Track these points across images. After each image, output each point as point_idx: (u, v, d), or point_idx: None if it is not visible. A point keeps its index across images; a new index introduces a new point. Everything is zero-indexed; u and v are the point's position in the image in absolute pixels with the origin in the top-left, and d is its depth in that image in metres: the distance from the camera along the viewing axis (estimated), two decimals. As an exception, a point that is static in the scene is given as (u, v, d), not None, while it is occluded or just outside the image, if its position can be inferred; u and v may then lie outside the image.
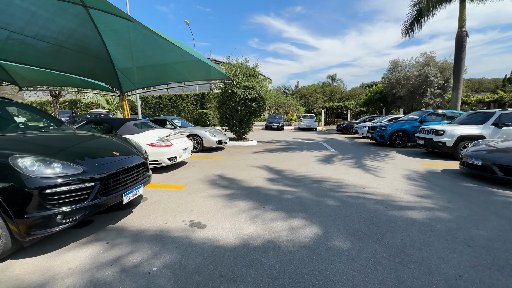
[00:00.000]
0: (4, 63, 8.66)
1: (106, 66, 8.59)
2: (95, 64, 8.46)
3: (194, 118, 22.96)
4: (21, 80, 10.19)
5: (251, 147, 10.25)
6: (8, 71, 9.53)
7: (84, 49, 7.43)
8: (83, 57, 7.98)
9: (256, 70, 10.62)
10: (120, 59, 8.25)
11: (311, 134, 16.76)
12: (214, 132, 9.07)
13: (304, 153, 8.64)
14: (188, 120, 23.28)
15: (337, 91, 53.14)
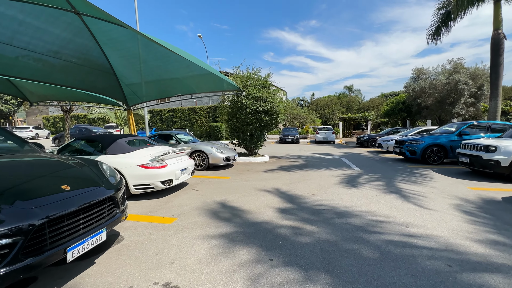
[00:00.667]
0: (13, 79, 8.55)
1: (110, 79, 8.18)
2: (98, 78, 8.08)
3: (206, 132, 22.54)
4: (31, 95, 10.11)
5: (262, 163, 9.31)
6: (18, 87, 9.43)
7: (86, 62, 7.02)
8: (86, 71, 7.61)
9: (268, 81, 9.85)
10: (123, 71, 7.80)
11: (329, 148, 15.54)
12: (221, 148, 8.26)
13: (323, 172, 7.55)
14: (200, 133, 22.90)
15: (355, 102, 51.39)
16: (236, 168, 8.30)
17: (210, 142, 9.12)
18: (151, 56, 6.98)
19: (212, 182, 6.30)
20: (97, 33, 5.97)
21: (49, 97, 10.16)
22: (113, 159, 4.70)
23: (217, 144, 8.67)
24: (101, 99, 9.91)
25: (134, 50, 6.70)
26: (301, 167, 8.42)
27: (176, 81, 8.21)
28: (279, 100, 9.73)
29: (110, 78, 8.12)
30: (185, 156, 5.69)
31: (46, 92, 9.72)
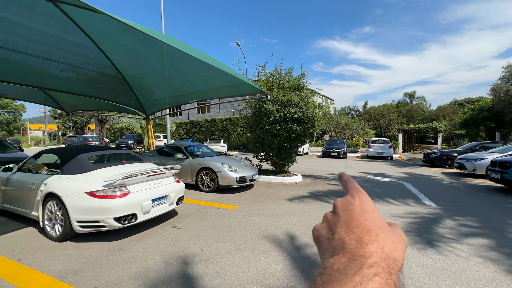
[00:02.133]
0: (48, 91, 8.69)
1: (120, 84, 7.45)
2: (109, 83, 7.43)
3: (243, 143, 21.38)
4: (64, 105, 10.33)
5: (291, 186, 7.26)
6: (53, 98, 9.65)
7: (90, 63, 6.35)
8: (96, 77, 7.03)
9: (302, 81, 7.89)
10: (129, 73, 6.94)
11: (386, 166, 12.37)
12: (236, 164, 6.58)
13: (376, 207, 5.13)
14: (237, 144, 21.85)
15: (418, 110, 44.25)
16: (254, 191, 6.47)
17: (228, 157, 7.55)
18: (153, 54, 5.88)
19: (210, 214, 4.62)
20: (87, 28, 5.09)
21: (78, 107, 10.24)
22: (62, 182, 3.46)
23: (231, 161, 7.04)
24: (120, 108, 9.48)
25: (132, 47, 5.68)
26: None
27: (188, 84, 6.99)
28: (314, 104, 7.64)
29: (120, 82, 7.39)
30: (168, 178, 4.16)
31: (73, 102, 9.74)
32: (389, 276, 0.27)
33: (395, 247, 0.31)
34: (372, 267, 0.27)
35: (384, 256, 0.29)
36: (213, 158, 6.87)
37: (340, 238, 0.32)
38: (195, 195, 5.95)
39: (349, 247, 0.30)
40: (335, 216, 0.38)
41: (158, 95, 7.88)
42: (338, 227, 0.35)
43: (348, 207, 0.38)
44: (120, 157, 4.64)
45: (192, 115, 29.56)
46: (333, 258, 0.30)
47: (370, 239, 0.30)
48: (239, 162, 7.02)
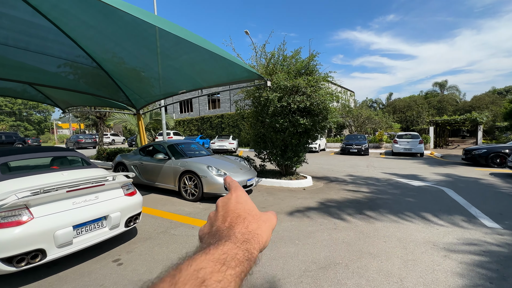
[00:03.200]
0: (40, 87, 8.03)
1: (98, 74, 6.50)
2: (86, 73, 6.51)
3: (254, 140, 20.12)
4: (57, 101, 9.72)
5: (298, 192, 5.91)
6: (46, 95, 9.02)
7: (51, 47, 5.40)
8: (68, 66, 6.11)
9: (312, 64, 6.43)
10: (104, 59, 5.94)
11: (416, 165, 10.50)
12: (228, 167, 5.35)
13: (410, 229, 3.65)
14: (247, 140, 20.62)
15: (450, 101, 40.19)
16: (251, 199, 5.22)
17: (222, 157, 6.34)
18: (121, 32, 4.77)
19: (177, 236, 3.43)
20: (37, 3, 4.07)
21: (70, 103, 9.58)
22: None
23: (226, 161, 5.81)
24: (110, 103, 8.61)
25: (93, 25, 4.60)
26: (363, 207, 4.63)
27: (171, 71, 5.83)
28: (327, 91, 6.16)
29: (98, 72, 6.42)
30: (112, 192, 3.01)
31: (63, 97, 9.05)
32: (242, 243, 0.34)
33: (259, 226, 0.40)
34: (230, 237, 0.35)
35: (246, 231, 0.37)
36: (200, 159, 5.68)
37: (217, 229, 0.39)
38: (174, 206, 4.82)
39: (223, 233, 0.37)
40: (216, 213, 0.44)
41: (142, 85, 6.83)
42: (216, 220, 0.42)
43: (226, 202, 0.45)
44: (61, 161, 3.58)
45: (203, 111, 28.78)
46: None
47: (238, 221, 0.39)
48: (234, 163, 5.77)
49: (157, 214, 4.35)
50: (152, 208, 4.66)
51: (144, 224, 3.87)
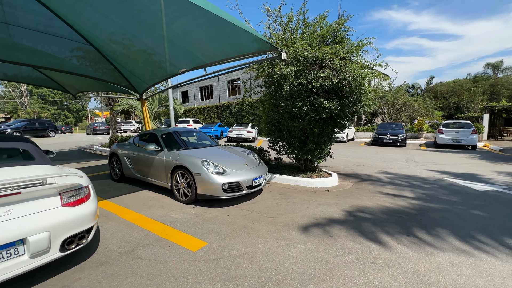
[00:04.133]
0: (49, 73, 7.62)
1: (91, 53, 5.72)
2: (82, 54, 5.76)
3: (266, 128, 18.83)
4: (67, 87, 9.35)
5: (320, 193, 4.69)
6: (56, 81, 8.65)
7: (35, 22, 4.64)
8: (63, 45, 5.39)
9: (343, 31, 4.96)
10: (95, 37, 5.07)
11: (471, 161, 8.55)
12: (231, 162, 4.29)
13: (494, 267, 2.30)
14: (268, 129, 19.41)
15: (505, 85, 34.56)
16: (255, 204, 4.13)
17: (228, 149, 5.30)
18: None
19: (144, 261, 2.47)
20: None
21: (78, 88, 9.14)
22: None
23: (232, 153, 4.76)
24: (114, 88, 7.94)
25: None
26: (411, 223, 3.30)
27: (162, 43, 4.82)
28: (362, 65, 4.71)
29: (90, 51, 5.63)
30: (33, 202, 2.09)
31: (70, 82, 8.59)
32: None
33: None
34: None
35: None
36: (198, 151, 4.68)
37: None
38: (161, 209, 3.91)
39: None
40: None
41: (138, 65, 5.95)
42: None
43: None
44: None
45: (223, 98, 27.93)
46: None
47: None
48: (241, 157, 4.69)
49: (136, 220, 3.46)
50: (134, 212, 3.80)
51: (112, 236, 3.00)
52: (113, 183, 5.47)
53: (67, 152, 11.34)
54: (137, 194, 4.73)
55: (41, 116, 46.84)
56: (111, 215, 3.67)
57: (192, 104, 31.62)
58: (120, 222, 3.42)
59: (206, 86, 30.25)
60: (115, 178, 5.64)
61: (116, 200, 4.37)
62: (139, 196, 4.60)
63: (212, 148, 5.14)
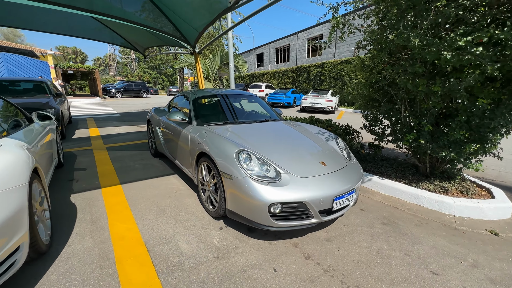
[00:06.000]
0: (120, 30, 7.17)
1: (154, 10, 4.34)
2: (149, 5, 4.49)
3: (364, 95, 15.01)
4: (132, 42, 8.92)
5: (478, 243, 2.21)
6: (123, 37, 8.27)
7: None
8: None
9: None
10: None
11: None
12: (297, 155, 2.27)
13: None
14: (353, 97, 15.72)
15: None
16: (332, 247, 2.09)
17: (298, 126, 3.24)
18: None
19: None
20: None
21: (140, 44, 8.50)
22: None
23: (293, 139, 2.70)
24: (165, 39, 6.69)
25: None
26: None
27: None
28: None
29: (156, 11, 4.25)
30: None
31: (132, 37, 7.95)
32: None
33: None
34: None
35: None
36: (242, 128, 2.82)
37: None
38: (172, 222, 2.39)
39: None
40: None
41: (184, 9, 4.27)
42: None
43: None
44: None
45: (300, 60, 24.62)
46: None
47: None
48: (315, 145, 2.61)
49: (123, 240, 2.04)
50: (133, 219, 2.41)
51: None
52: (147, 158, 4.39)
53: (143, 112, 11.67)
54: (161, 181, 3.41)
55: (143, 80, 54.95)
56: (100, 220, 2.40)
57: (267, 68, 29.66)
58: (99, 241, 2.07)
59: (283, 47, 27.34)
60: (151, 151, 4.57)
61: (130, 188, 3.15)
62: (161, 185, 3.26)
63: (268, 125, 3.16)
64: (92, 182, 3.32)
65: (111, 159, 4.31)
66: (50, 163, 2.98)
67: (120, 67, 68.61)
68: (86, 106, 14.72)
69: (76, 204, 2.71)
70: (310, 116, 5.21)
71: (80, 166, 3.93)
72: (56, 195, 2.91)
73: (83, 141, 5.66)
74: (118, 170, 3.77)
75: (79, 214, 2.50)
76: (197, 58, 6.24)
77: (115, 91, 23.21)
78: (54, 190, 3.02)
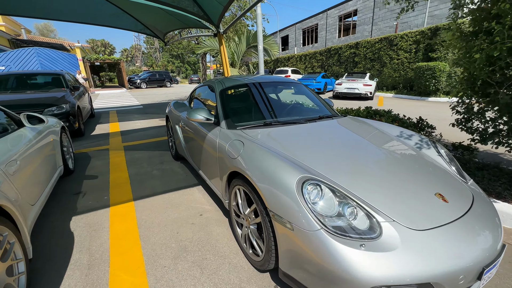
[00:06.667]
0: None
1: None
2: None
3: (405, 79, 13.16)
4: (152, 28, 8.26)
5: None
6: (141, 22, 7.64)
7: None
8: None
9: None
10: None
11: None
12: (403, 185, 1.36)
13: None
14: (394, 81, 13.88)
15: None
16: None
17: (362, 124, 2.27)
18: None
19: None
20: None
21: (160, 29, 7.82)
22: None
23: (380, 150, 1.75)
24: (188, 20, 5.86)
25: None
26: None
27: None
28: None
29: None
30: None
31: (149, 21, 7.26)
32: None
33: None
34: None
35: None
36: (292, 132, 1.93)
37: None
38: (194, 272, 1.64)
39: None
40: None
41: None
42: None
43: None
44: None
45: (330, 41, 22.56)
46: None
47: None
48: (410, 154, 1.66)
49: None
50: (143, 267, 1.71)
51: None
52: (167, 162, 3.72)
53: (166, 103, 11.22)
54: (182, 195, 2.70)
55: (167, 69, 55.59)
56: (99, 265, 1.73)
57: (292, 51, 27.87)
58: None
59: (310, 28, 25.27)
60: (171, 152, 3.89)
61: (144, 207, 2.48)
62: (182, 202, 2.55)
63: (328, 126, 2.22)
64: (101, 196, 2.71)
65: (127, 162, 3.71)
66: (48, 177, 2.38)
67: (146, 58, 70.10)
68: (112, 98, 14.72)
69: (75, 234, 2.08)
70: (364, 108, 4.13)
71: (92, 173, 3.37)
72: (54, 217, 2.33)
73: (101, 139, 5.19)
74: (133, 179, 3.13)
75: (75, 253, 1.86)
76: (222, 39, 5.37)
77: (140, 82, 23.33)
78: (53, 211, 2.44)
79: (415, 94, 11.95)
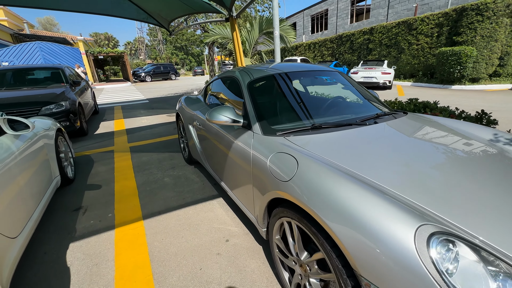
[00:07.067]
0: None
1: None
2: None
3: (426, 66, 12.26)
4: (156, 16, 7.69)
5: None
6: (148, 12, 7.08)
7: None
8: None
9: None
10: None
11: None
12: None
13: None
14: (414, 69, 12.98)
15: None
16: None
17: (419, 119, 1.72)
18: None
19: None
20: None
21: (164, 16, 7.25)
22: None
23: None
24: (193, 4, 5.27)
25: None
26: None
27: None
28: None
29: None
30: None
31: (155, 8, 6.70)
32: None
33: None
34: None
35: None
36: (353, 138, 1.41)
37: None
38: None
39: None
40: None
41: None
42: None
43: None
44: None
45: (341, 27, 21.44)
46: None
47: None
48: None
49: None
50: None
51: None
52: (179, 166, 3.26)
53: (172, 97, 10.73)
54: (201, 212, 2.23)
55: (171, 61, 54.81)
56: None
57: (300, 40, 26.77)
58: None
59: (320, 14, 24.08)
60: (183, 154, 3.43)
61: (156, 230, 2.02)
62: (202, 222, 2.09)
63: (393, 127, 1.69)
64: (104, 214, 2.27)
65: (134, 168, 3.26)
66: (39, 195, 1.94)
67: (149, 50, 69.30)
68: (117, 92, 14.31)
69: (72, 271, 1.64)
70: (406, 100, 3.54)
71: (95, 181, 2.93)
72: (48, 245, 1.90)
73: (105, 138, 4.76)
74: (141, 189, 2.69)
75: (70, 302, 1.43)
76: (235, 24, 4.78)
77: (145, 75, 22.83)
78: (47, 236, 2.01)
79: (437, 82, 11.12)
